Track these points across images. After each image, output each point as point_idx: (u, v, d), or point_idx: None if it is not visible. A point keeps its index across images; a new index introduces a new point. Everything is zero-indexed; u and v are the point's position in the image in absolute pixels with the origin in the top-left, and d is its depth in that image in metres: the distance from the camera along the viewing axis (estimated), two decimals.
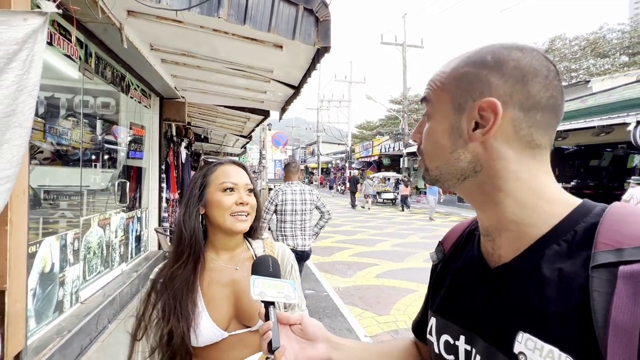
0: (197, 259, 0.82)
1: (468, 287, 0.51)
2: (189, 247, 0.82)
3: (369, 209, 14.79)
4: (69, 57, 2.63)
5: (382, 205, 16.51)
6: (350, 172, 22.96)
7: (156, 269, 0.86)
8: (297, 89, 3.67)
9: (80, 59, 2.79)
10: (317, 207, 3.21)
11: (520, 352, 0.41)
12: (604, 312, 0.35)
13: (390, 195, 17.06)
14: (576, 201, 0.45)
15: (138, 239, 4.39)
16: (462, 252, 0.56)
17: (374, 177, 19.43)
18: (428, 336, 0.57)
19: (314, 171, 36.77)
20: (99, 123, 3.66)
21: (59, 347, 2.24)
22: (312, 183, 35.70)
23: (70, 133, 2.97)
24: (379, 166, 23.83)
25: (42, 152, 2.76)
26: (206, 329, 0.78)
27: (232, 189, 0.86)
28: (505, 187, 0.45)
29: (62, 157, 2.99)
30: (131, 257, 4.15)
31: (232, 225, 0.84)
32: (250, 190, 0.89)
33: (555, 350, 0.38)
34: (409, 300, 4.05)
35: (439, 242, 0.64)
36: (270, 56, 2.93)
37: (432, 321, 0.56)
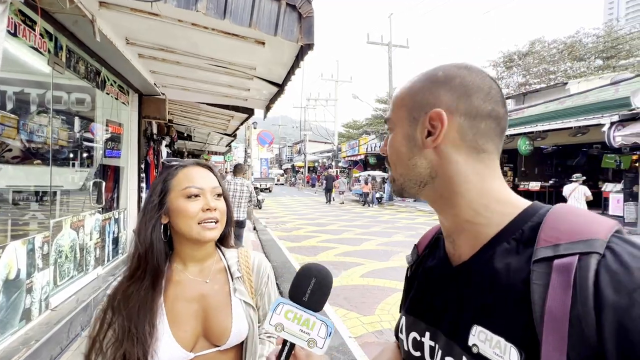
0: (156, 275, 0.74)
1: (433, 285, 0.55)
2: (145, 261, 0.74)
3: (341, 202, 17.47)
4: (36, 49, 2.47)
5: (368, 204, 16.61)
6: (326, 171, 24.38)
7: (114, 283, 0.78)
8: (281, 87, 3.60)
9: (49, 52, 2.63)
10: (250, 197, 5.26)
11: (474, 344, 0.44)
12: (541, 302, 0.38)
13: (377, 195, 17.20)
14: (526, 203, 0.49)
15: (115, 241, 4.23)
16: (432, 254, 0.60)
17: (359, 175, 19.53)
18: (399, 334, 0.59)
19: (301, 170, 36.66)
20: (72, 120, 3.48)
21: (26, 357, 2.10)
22: (299, 182, 35.66)
23: (43, 130, 2.80)
24: (365, 165, 23.96)
25: (10, 150, 2.60)
26: (167, 351, 0.71)
27: (197, 195, 0.77)
28: (458, 190, 0.49)
29: (32, 156, 2.82)
30: (108, 261, 3.99)
31: (199, 235, 0.76)
32: (219, 195, 0.81)
33: (502, 341, 0.41)
34: (393, 300, 4.06)
35: (415, 245, 0.67)
36: (252, 53, 2.85)
37: (402, 320, 0.59)
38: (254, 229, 9.03)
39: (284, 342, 0.52)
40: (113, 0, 2.23)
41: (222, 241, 0.87)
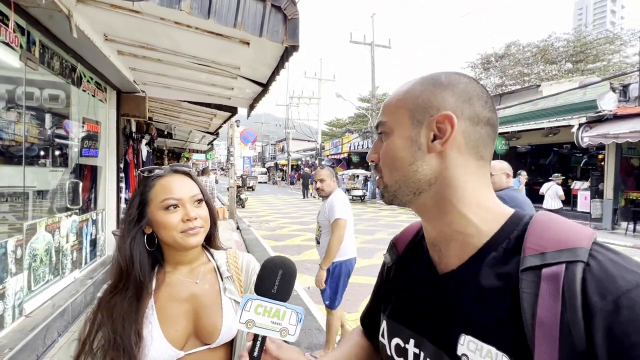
0: (139, 286, 0.74)
1: (418, 292, 0.54)
2: (127, 274, 0.74)
3: (316, 196, 17.73)
4: (7, 44, 2.36)
5: (351, 202, 16.75)
6: (302, 170, 25.73)
7: (105, 286, 0.78)
8: (265, 87, 3.59)
9: (21, 47, 2.52)
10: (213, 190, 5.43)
11: (463, 354, 0.43)
12: (531, 310, 0.39)
13: (359, 192, 17.38)
14: (509, 211, 0.50)
15: (93, 243, 4.09)
16: (415, 257, 0.59)
17: (343, 174, 19.67)
18: (380, 339, 0.59)
19: (284, 168, 36.49)
20: (46, 117, 3.33)
21: None
22: (282, 179, 35.60)
23: (12, 127, 2.68)
24: (348, 163, 24.15)
25: None
26: (159, 350, 0.72)
27: (176, 205, 0.77)
28: (454, 197, 0.49)
29: (2, 155, 2.69)
30: (85, 263, 3.86)
31: (183, 242, 0.77)
32: (199, 201, 0.81)
33: (493, 350, 0.41)
34: None
35: (392, 242, 0.66)
36: (236, 52, 2.83)
37: (384, 324, 0.58)
38: (237, 228, 8.94)
39: (255, 337, 0.52)
40: None
41: (208, 242, 0.88)
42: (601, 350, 0.36)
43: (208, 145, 13.58)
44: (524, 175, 7.05)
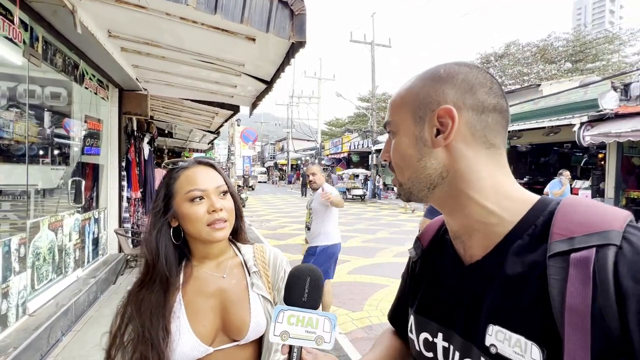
0: (166, 280, 0.73)
1: (444, 285, 0.54)
2: (153, 267, 0.73)
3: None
4: (10, 40, 2.33)
5: (351, 201, 16.75)
6: (302, 169, 26.97)
7: (134, 279, 0.77)
8: (269, 84, 3.56)
9: (24, 43, 2.49)
10: None
11: (492, 344, 0.43)
12: (560, 297, 0.38)
13: (360, 192, 17.35)
14: (534, 197, 0.49)
15: (96, 241, 4.06)
16: (439, 250, 0.59)
17: (343, 173, 19.66)
18: (409, 334, 0.58)
19: (284, 167, 36.48)
20: (48, 115, 3.31)
21: None
22: (281, 179, 35.73)
23: (14, 125, 2.65)
24: (348, 163, 24.13)
25: None
26: (188, 345, 0.71)
27: (201, 197, 0.75)
28: (470, 188, 0.48)
29: (4, 153, 2.66)
30: (88, 262, 3.83)
31: (209, 236, 0.75)
32: (225, 192, 0.79)
33: (522, 339, 0.40)
34: (381, 295, 4.13)
35: (417, 237, 0.65)
36: (241, 49, 2.81)
37: (412, 319, 0.58)
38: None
39: (290, 349, 0.51)
40: None
41: (234, 236, 0.87)
42: (637, 335, 0.34)
43: (208, 144, 13.55)
44: (566, 176, 6.29)
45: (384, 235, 8.10)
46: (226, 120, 6.99)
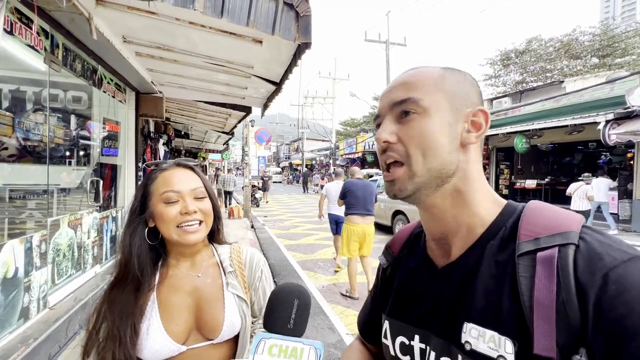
0: (138, 279, 0.74)
1: (418, 288, 0.55)
2: (126, 266, 0.75)
3: (315, 192, 22.20)
4: (32, 47, 2.46)
5: None
6: (302, 169, 29.31)
7: (110, 277, 0.80)
8: (278, 85, 3.61)
9: (45, 50, 2.62)
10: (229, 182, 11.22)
11: (466, 341, 0.44)
12: (529, 292, 0.41)
13: None
14: (504, 200, 0.52)
15: (113, 239, 4.22)
16: (410, 255, 0.60)
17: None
18: (383, 340, 0.58)
19: (299, 168, 36.69)
20: (69, 118, 3.46)
21: (24, 356, 2.11)
22: (284, 179, 36.82)
23: (39, 128, 2.79)
24: (362, 163, 23.98)
25: (6, 148, 2.59)
26: (158, 343, 0.71)
27: (175, 199, 0.76)
28: (468, 189, 0.50)
29: (29, 154, 2.81)
30: (105, 259, 3.99)
31: (179, 238, 0.76)
32: (201, 196, 0.80)
33: (496, 335, 0.42)
34: None
35: (387, 245, 0.66)
36: (250, 51, 2.85)
37: (386, 324, 0.58)
38: (252, 227, 9.03)
39: None
40: None
41: (212, 237, 0.87)
42: (592, 323, 0.38)
43: (224, 145, 13.80)
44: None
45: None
46: (239, 121, 7.10)
